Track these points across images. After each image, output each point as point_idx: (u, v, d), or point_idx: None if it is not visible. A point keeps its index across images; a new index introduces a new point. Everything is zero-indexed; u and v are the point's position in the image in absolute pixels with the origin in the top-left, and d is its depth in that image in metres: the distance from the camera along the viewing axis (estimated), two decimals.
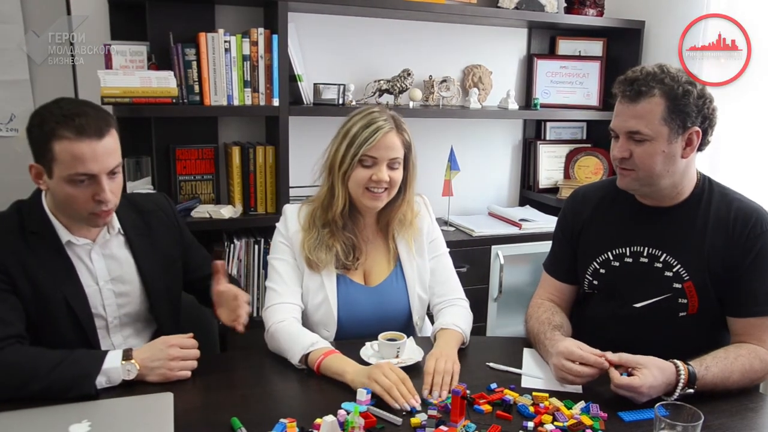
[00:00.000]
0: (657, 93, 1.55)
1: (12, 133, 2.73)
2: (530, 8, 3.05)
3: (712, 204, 1.66)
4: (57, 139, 1.47)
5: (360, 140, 1.71)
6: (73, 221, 1.61)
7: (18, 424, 1.31)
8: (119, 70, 2.43)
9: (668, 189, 1.65)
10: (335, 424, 1.27)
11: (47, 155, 1.49)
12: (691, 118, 1.57)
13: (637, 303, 1.70)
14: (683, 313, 1.66)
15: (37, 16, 2.64)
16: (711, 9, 2.85)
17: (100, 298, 1.65)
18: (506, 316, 3.02)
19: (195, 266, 1.87)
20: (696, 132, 1.58)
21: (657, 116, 1.55)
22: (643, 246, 1.69)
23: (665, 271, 1.66)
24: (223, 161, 2.77)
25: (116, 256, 1.69)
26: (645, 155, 1.58)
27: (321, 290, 1.79)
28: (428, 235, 1.92)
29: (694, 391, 1.45)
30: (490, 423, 1.37)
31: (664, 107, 1.55)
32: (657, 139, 1.56)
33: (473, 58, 3.24)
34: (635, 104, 1.57)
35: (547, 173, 3.39)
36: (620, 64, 3.30)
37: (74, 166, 1.48)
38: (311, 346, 1.60)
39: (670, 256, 1.66)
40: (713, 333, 1.67)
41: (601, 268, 1.76)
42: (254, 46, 2.54)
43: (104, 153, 1.51)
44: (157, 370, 1.50)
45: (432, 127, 3.19)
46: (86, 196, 1.52)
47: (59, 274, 1.58)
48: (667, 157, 1.58)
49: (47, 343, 1.51)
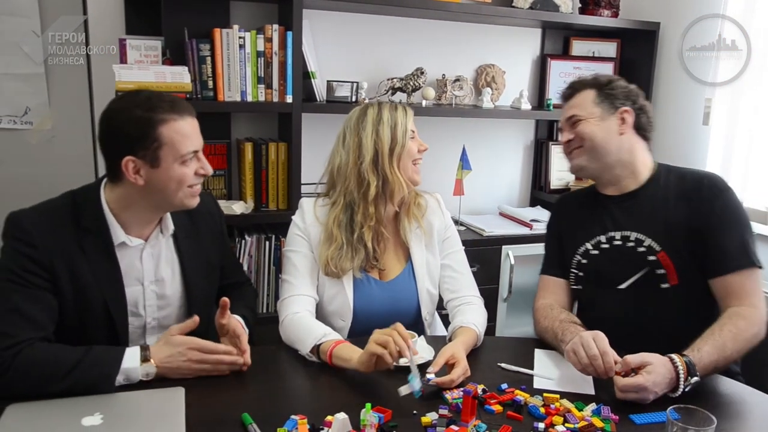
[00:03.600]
0: (586, 87, 1.84)
1: (27, 126, 2.75)
2: (545, 8, 3.04)
3: (670, 181, 1.80)
4: (161, 123, 1.48)
5: (401, 120, 1.80)
6: (156, 212, 1.61)
7: (31, 416, 1.31)
8: (134, 65, 2.43)
9: (619, 168, 1.81)
10: (347, 422, 1.27)
11: (152, 144, 1.48)
12: (619, 99, 1.80)
13: (620, 285, 1.78)
14: (665, 284, 1.73)
15: (52, 10, 2.66)
16: (727, 10, 2.83)
17: (142, 299, 1.64)
18: (516, 317, 3.02)
19: (228, 272, 1.87)
20: (626, 111, 1.79)
21: (589, 101, 1.81)
22: (615, 230, 1.81)
23: (638, 248, 1.76)
24: (235, 157, 2.77)
25: (164, 257, 1.67)
26: (584, 130, 1.79)
27: (337, 282, 1.81)
28: (441, 233, 1.93)
29: (699, 378, 1.47)
30: (500, 423, 1.37)
31: (594, 95, 1.81)
32: (591, 117, 1.79)
33: (487, 57, 3.23)
34: (571, 99, 1.85)
35: (558, 174, 3.39)
36: (634, 65, 3.29)
37: (185, 145, 1.51)
38: (323, 336, 1.61)
39: (639, 233, 1.77)
40: (703, 307, 1.71)
41: (584, 258, 1.85)
42: (269, 42, 2.55)
43: (198, 129, 1.57)
44: (176, 371, 1.48)
45: (444, 126, 3.18)
46: (191, 172, 1.55)
47: (104, 277, 1.55)
48: (604, 130, 1.78)
49: (77, 341, 1.47)
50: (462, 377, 1.52)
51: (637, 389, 1.44)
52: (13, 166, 2.71)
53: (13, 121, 2.73)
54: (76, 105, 2.73)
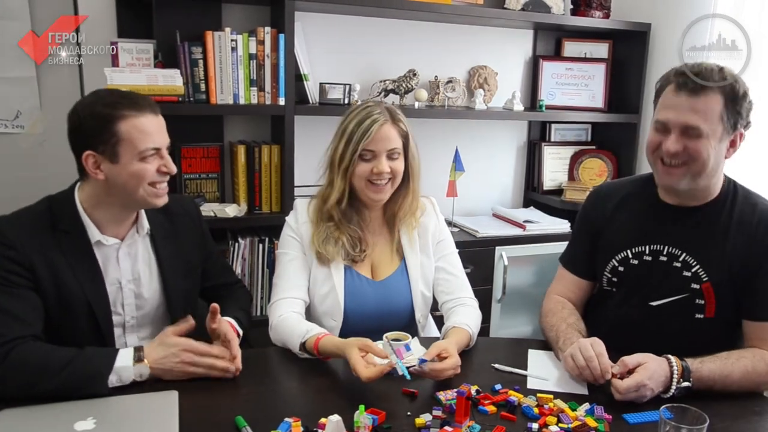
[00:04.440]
0: (719, 90, 1.51)
1: (18, 129, 2.73)
2: (536, 10, 3.05)
3: (736, 206, 1.63)
4: (120, 119, 1.50)
5: (357, 136, 1.75)
6: (124, 210, 1.62)
7: (24, 421, 1.31)
8: (126, 68, 2.43)
9: (702, 189, 1.63)
10: (340, 424, 1.27)
11: (111, 139, 1.50)
12: (743, 119, 1.55)
13: (653, 302, 1.69)
14: (700, 315, 1.65)
15: (43, 13, 2.64)
16: (717, 11, 2.84)
17: (120, 297, 1.65)
18: (510, 318, 3.02)
19: (213, 274, 1.88)
20: (740, 135, 1.58)
21: (716, 114, 1.51)
22: (663, 245, 1.67)
23: (684, 271, 1.65)
24: (228, 160, 2.77)
25: (141, 257, 1.69)
26: (700, 150, 1.53)
27: (328, 280, 1.81)
28: (435, 236, 1.93)
29: (690, 384, 1.46)
30: (494, 424, 1.37)
31: (722, 106, 1.51)
32: (711, 136, 1.52)
33: (479, 59, 3.24)
34: (696, 98, 1.51)
35: (551, 175, 3.40)
36: (626, 66, 3.31)
37: (144, 141, 1.52)
38: (306, 333, 1.63)
39: (689, 256, 1.64)
40: (729, 340, 1.65)
41: (620, 266, 1.74)
42: (261, 45, 2.55)
43: (162, 127, 1.58)
44: (169, 373, 1.48)
45: (437, 128, 3.19)
46: (153, 169, 1.55)
47: (84, 275, 1.57)
48: (715, 157, 1.54)
49: (63, 341, 1.49)
50: (452, 371, 1.52)
51: (638, 387, 1.44)
52: (4, 170, 2.69)
53: (4, 125, 2.71)
54: (67, 109, 2.69)
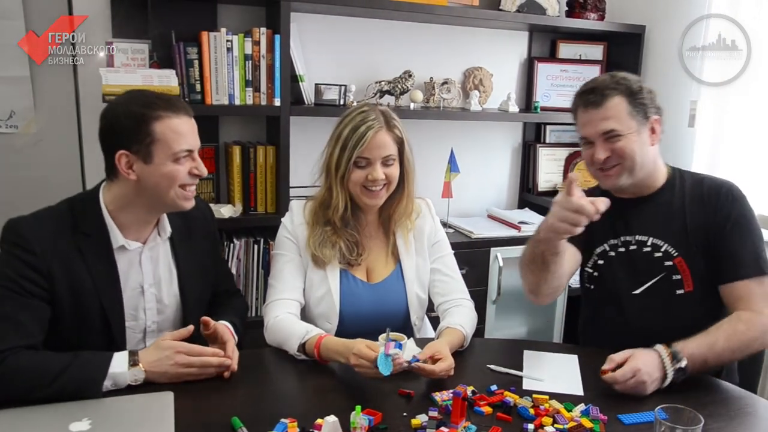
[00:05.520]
0: (616, 94, 1.70)
1: (12, 129, 2.71)
2: (532, 11, 3.06)
3: (686, 186, 1.78)
4: (155, 119, 1.49)
5: (352, 143, 1.75)
6: (150, 213, 1.61)
7: (19, 422, 1.30)
8: (121, 68, 2.42)
9: (646, 178, 1.77)
10: (337, 425, 1.27)
11: (145, 139, 1.49)
12: (650, 108, 1.72)
13: (635, 290, 1.78)
14: (680, 290, 1.74)
15: (38, 13, 2.63)
16: (711, 10, 2.84)
17: (142, 302, 1.64)
18: (505, 319, 3.03)
19: (219, 279, 1.87)
20: (655, 120, 1.74)
21: (623, 112, 1.69)
22: (631, 235, 1.80)
23: (655, 253, 1.76)
24: (223, 160, 2.76)
25: (162, 261, 1.67)
26: (625, 148, 1.69)
27: (324, 283, 1.81)
28: (431, 237, 1.94)
29: (686, 364, 1.50)
30: (490, 425, 1.38)
31: (626, 104, 1.70)
32: (629, 132, 1.69)
33: (474, 60, 3.24)
34: (601, 108, 1.69)
35: (546, 176, 3.41)
36: (621, 68, 3.23)
37: (178, 142, 1.52)
38: (306, 334, 1.63)
39: (655, 238, 1.76)
40: (716, 315, 1.68)
41: (600, 259, 1.84)
42: (256, 45, 2.54)
43: (195, 130, 1.58)
44: (164, 375, 1.48)
45: (432, 129, 3.19)
46: (185, 171, 1.55)
47: (102, 282, 1.55)
48: (641, 145, 1.71)
49: (74, 346, 1.46)
50: (445, 372, 1.52)
51: (633, 372, 1.47)
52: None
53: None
54: (62, 109, 2.70)
